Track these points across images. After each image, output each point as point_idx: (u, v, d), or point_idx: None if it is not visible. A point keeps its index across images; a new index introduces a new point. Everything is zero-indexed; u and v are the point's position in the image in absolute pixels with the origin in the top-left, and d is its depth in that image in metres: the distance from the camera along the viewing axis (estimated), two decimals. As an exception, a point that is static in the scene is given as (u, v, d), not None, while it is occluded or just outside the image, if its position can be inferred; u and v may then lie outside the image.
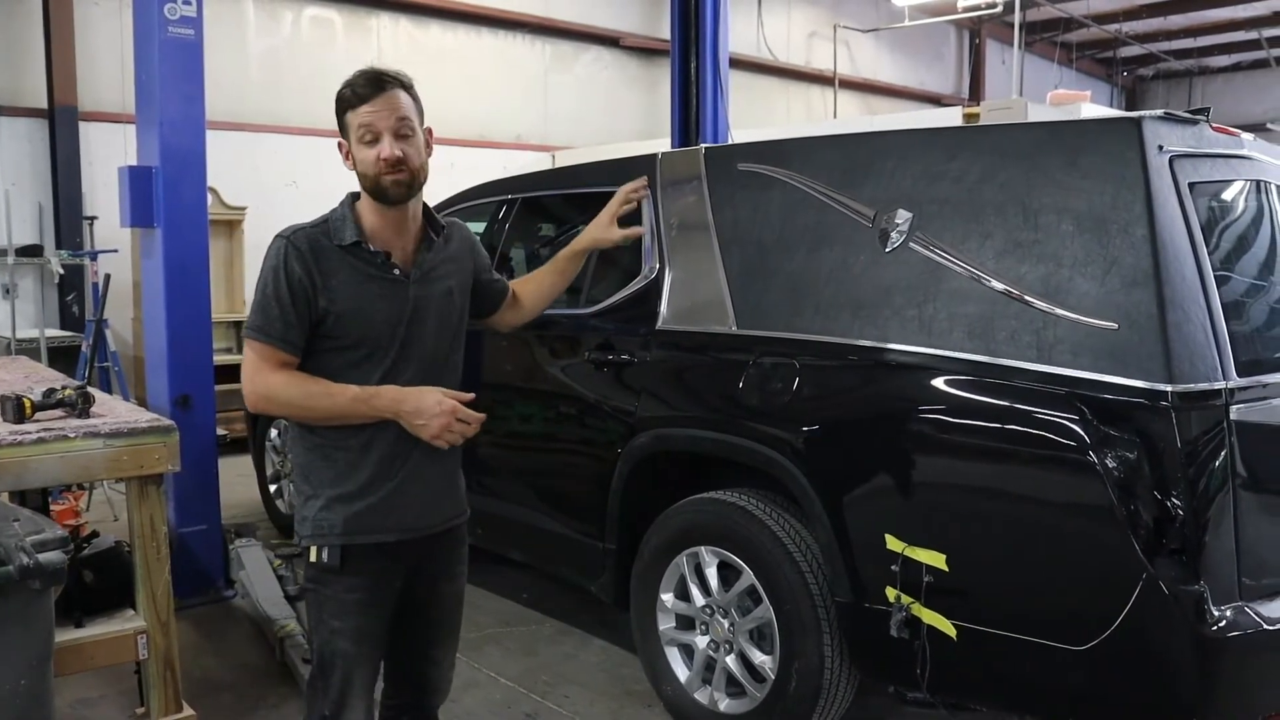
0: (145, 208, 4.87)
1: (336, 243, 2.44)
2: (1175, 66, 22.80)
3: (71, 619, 3.33)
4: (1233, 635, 2.56)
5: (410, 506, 2.53)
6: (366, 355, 2.45)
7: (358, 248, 2.45)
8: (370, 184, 2.44)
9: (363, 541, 2.47)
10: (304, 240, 2.42)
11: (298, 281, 2.38)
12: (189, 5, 4.76)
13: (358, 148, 2.43)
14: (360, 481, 2.46)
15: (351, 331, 2.43)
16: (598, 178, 4.52)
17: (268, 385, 2.40)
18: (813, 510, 3.20)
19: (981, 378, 2.85)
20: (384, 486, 2.48)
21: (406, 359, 2.49)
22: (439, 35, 12.30)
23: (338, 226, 2.46)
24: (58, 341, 8.57)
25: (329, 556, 2.46)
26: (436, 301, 2.56)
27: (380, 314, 2.45)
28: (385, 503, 2.48)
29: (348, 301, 2.41)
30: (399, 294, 2.48)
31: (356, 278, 2.43)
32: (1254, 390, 2.74)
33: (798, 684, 3.27)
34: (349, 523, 2.46)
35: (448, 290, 2.61)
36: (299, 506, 2.54)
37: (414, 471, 2.52)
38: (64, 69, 9.26)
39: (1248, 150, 3.15)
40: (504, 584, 5.23)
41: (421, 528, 2.56)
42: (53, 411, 3.35)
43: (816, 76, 17.11)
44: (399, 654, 2.68)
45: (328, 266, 2.41)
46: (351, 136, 2.44)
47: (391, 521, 2.50)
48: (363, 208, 2.50)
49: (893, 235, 3.14)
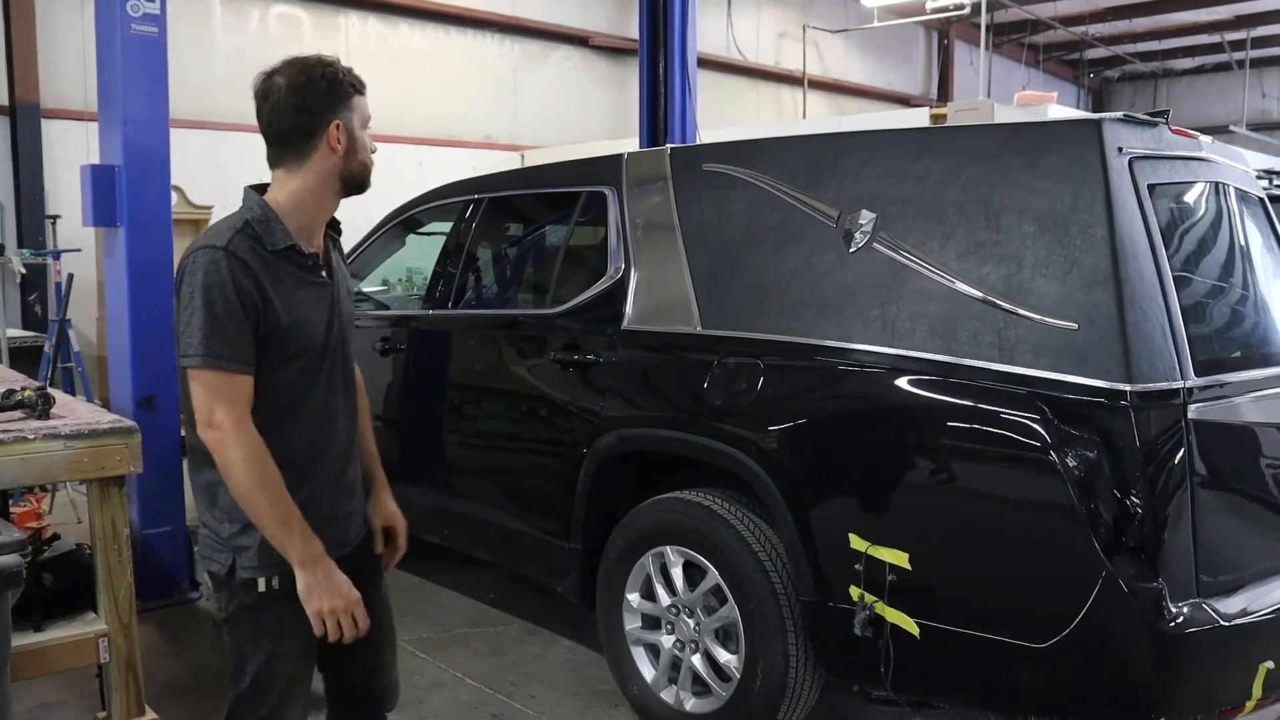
0: (108, 207, 4.82)
1: (270, 248, 2.26)
2: (1141, 69, 23.05)
3: (31, 622, 3.29)
4: (1190, 631, 2.59)
5: (343, 521, 2.47)
6: (304, 367, 2.33)
7: (291, 251, 2.29)
8: (365, 172, 2.35)
9: None
10: (245, 249, 2.22)
11: (248, 295, 2.19)
12: (152, 3, 4.72)
13: (364, 134, 2.34)
14: (302, 501, 2.30)
15: (295, 342, 2.30)
16: (564, 178, 4.53)
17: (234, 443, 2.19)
18: (777, 510, 3.21)
19: (944, 378, 2.87)
20: (325, 504, 2.39)
21: (335, 366, 2.40)
22: (407, 34, 12.28)
23: (264, 230, 2.26)
24: (19, 342, 8.47)
25: (280, 584, 2.30)
26: (345, 301, 2.47)
27: (314, 321, 2.34)
28: (327, 521, 2.37)
29: (289, 312, 2.27)
30: (326, 297, 2.38)
31: (294, 284, 2.29)
32: (1212, 390, 2.77)
33: (763, 683, 3.28)
34: None
35: (349, 291, 2.53)
36: (229, 536, 2.32)
37: (346, 486, 2.47)
38: (25, 65, 9.18)
39: (1206, 153, 3.18)
40: (471, 584, 5.21)
41: (351, 541, 2.50)
42: (12, 413, 3.31)
43: (786, 77, 17.19)
44: (347, 672, 2.60)
45: (267, 276, 2.24)
46: (359, 120, 2.33)
47: (334, 538, 2.39)
48: (289, 204, 2.31)
49: (856, 236, 3.15)
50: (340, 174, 2.33)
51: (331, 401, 2.41)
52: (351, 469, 2.51)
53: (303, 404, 2.35)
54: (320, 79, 2.29)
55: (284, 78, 2.28)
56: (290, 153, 2.31)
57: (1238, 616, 2.68)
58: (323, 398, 2.39)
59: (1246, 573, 2.82)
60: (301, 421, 2.35)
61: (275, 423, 2.30)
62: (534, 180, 5.00)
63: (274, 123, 2.30)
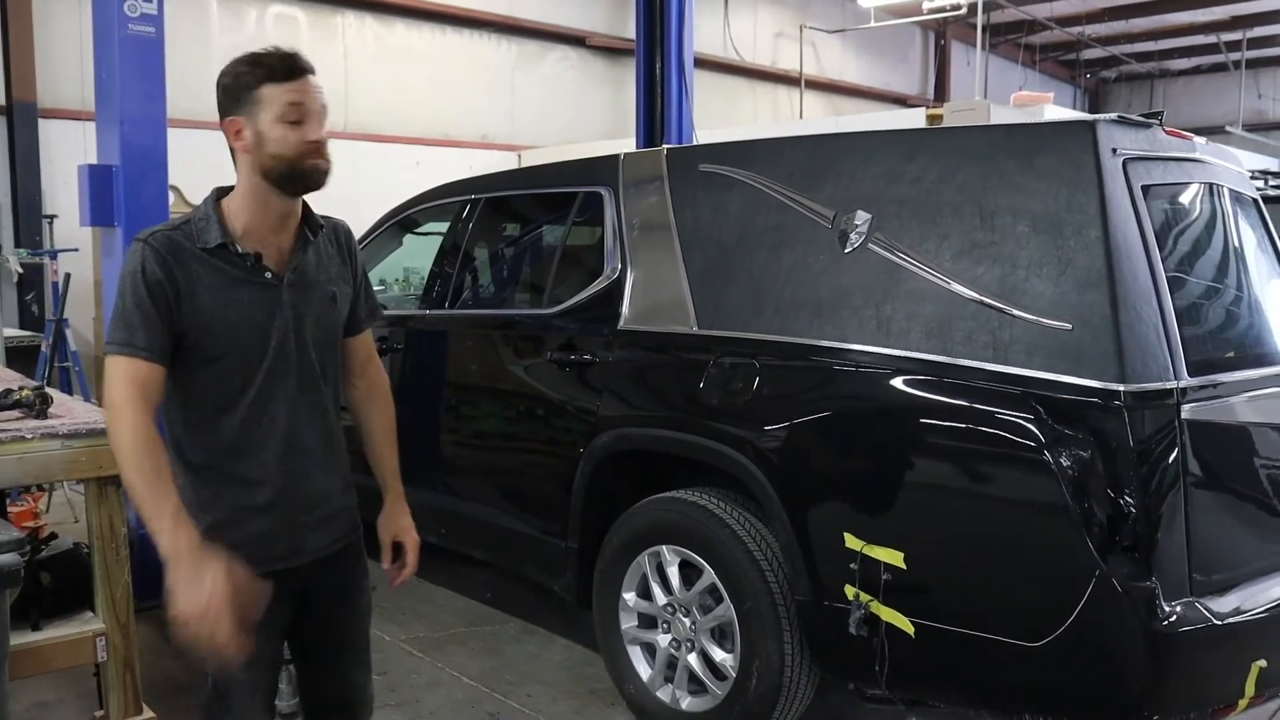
0: (105, 207, 4.82)
1: (200, 246, 2.21)
2: (1137, 69, 23.07)
3: (29, 621, 3.30)
4: (1184, 630, 2.60)
5: (297, 532, 2.36)
6: (234, 368, 2.25)
7: (224, 250, 2.22)
8: (285, 167, 2.20)
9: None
10: (162, 243, 2.19)
11: (157, 285, 2.15)
12: (149, 3, 4.71)
13: (276, 126, 2.19)
14: (239, 507, 2.28)
15: (217, 342, 2.22)
16: (561, 178, 4.53)
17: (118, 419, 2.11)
18: (772, 509, 3.22)
19: (939, 378, 2.88)
20: (268, 511, 2.30)
21: (282, 372, 2.29)
22: (404, 34, 12.27)
23: (200, 228, 2.23)
24: (17, 341, 8.45)
25: None
26: (317, 306, 2.35)
27: (249, 322, 2.24)
28: (271, 529, 2.31)
29: (212, 310, 2.20)
30: (271, 299, 2.27)
31: (222, 282, 2.22)
32: (1205, 390, 2.79)
33: (758, 682, 3.29)
34: (238, 551, 2.15)
35: (330, 295, 2.39)
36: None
37: (301, 496, 2.35)
38: (23, 65, 9.16)
39: (1200, 154, 3.20)
40: (467, 583, 5.22)
41: (309, 551, 2.39)
42: (10, 412, 3.32)
43: (783, 77, 17.19)
44: (317, 686, 2.56)
45: (189, 272, 2.19)
46: (267, 113, 2.19)
47: (281, 548, 2.33)
48: (236, 204, 2.27)
49: (852, 236, 3.17)
50: (259, 171, 2.23)
51: (271, 406, 2.30)
52: (317, 478, 2.39)
53: (233, 407, 2.27)
54: (223, 76, 2.26)
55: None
56: (231, 152, 2.30)
57: (1231, 615, 2.69)
58: (261, 402, 2.29)
59: (1240, 572, 2.84)
60: (233, 425, 2.27)
61: (203, 424, 2.28)
62: (531, 180, 5.01)
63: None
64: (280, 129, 2.19)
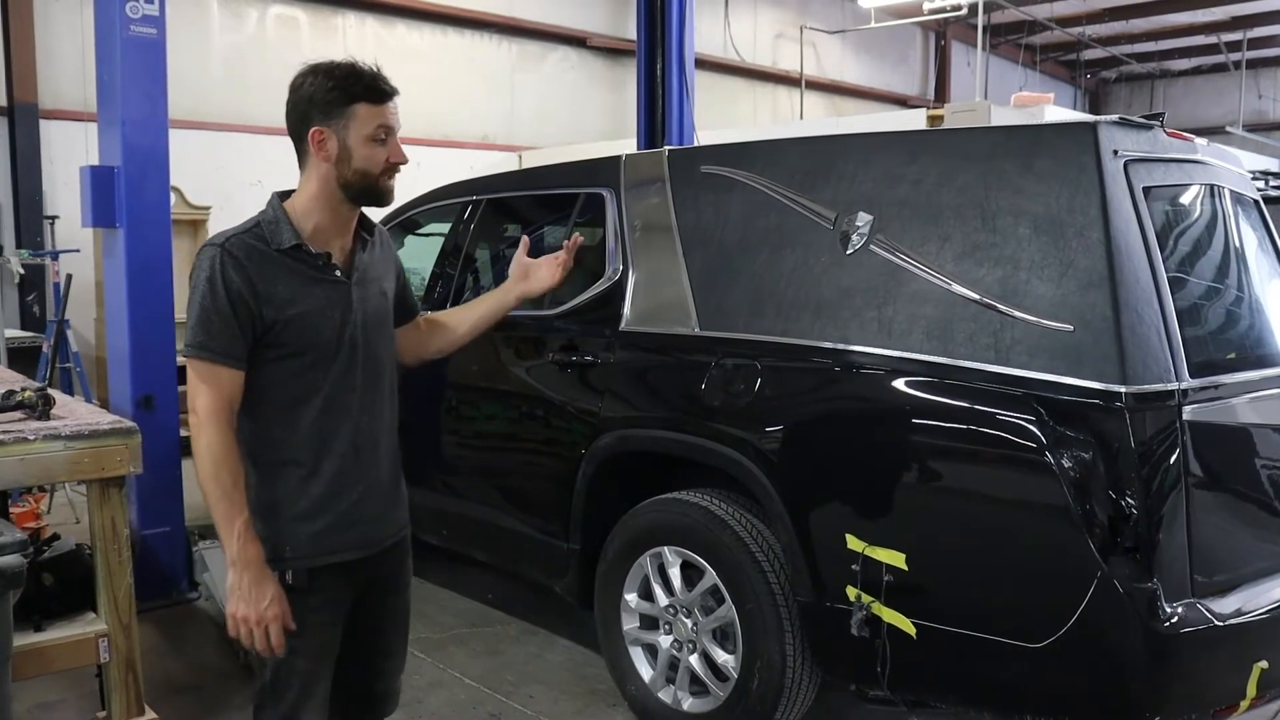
0: (107, 208, 4.83)
1: (275, 247, 2.32)
2: (1137, 69, 23.08)
3: (31, 622, 3.30)
4: (1185, 631, 2.61)
5: (367, 522, 2.47)
6: (312, 363, 2.36)
7: (298, 250, 2.34)
8: (368, 183, 2.36)
9: (326, 562, 2.40)
10: (239, 247, 2.29)
11: (237, 292, 2.25)
12: (151, 4, 4.72)
13: (366, 144, 2.33)
14: (315, 499, 2.39)
15: (299, 339, 2.33)
16: (562, 179, 4.53)
17: (201, 432, 2.27)
18: (774, 510, 3.22)
19: (940, 379, 2.88)
20: (341, 502, 2.41)
21: (353, 363, 2.42)
22: (405, 35, 12.27)
23: (272, 230, 2.34)
24: (18, 342, 8.46)
25: (294, 579, 2.36)
26: (373, 302, 2.50)
27: (326, 318, 2.37)
28: (344, 519, 2.42)
29: (293, 308, 2.31)
30: (342, 296, 2.40)
31: (299, 282, 2.33)
32: (1207, 391, 2.79)
33: (760, 683, 3.29)
34: (314, 542, 2.38)
35: (381, 291, 2.55)
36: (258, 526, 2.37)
37: (369, 486, 2.47)
38: (24, 65, 9.17)
39: (1201, 155, 3.20)
40: (469, 584, 5.23)
41: (376, 542, 2.51)
42: (12, 413, 3.32)
43: (783, 77, 17.19)
44: (349, 672, 2.60)
45: (268, 273, 2.30)
46: (358, 130, 2.33)
47: (352, 538, 2.44)
48: (304, 207, 2.38)
49: (853, 238, 3.17)
50: (337, 181, 2.36)
51: (345, 399, 2.41)
52: (382, 470, 2.52)
53: (310, 400, 2.38)
54: (310, 85, 2.33)
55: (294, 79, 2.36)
56: (299, 155, 2.40)
57: (1232, 616, 2.70)
58: (335, 395, 2.40)
59: (1241, 573, 2.84)
60: (309, 418, 2.38)
61: (280, 419, 2.37)
62: (532, 181, 5.01)
63: (287, 124, 2.39)
64: (370, 147, 2.34)
